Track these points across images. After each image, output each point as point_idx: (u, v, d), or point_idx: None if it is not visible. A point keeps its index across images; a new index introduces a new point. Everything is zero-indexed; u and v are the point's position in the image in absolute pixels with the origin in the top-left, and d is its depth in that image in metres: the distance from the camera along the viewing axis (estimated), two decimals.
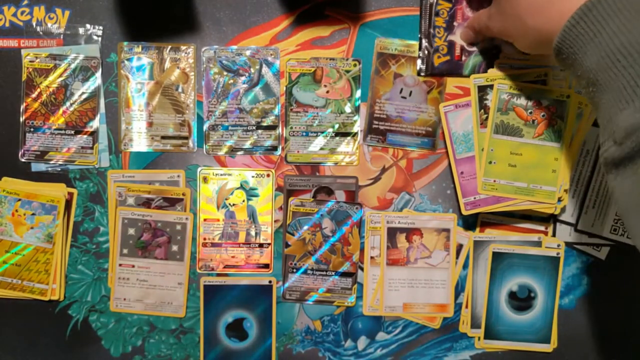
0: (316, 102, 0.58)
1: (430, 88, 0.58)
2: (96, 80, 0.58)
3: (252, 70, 0.58)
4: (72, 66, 0.58)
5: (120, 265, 0.59)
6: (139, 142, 0.58)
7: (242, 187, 0.59)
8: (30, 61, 0.57)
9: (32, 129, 0.58)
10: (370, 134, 0.58)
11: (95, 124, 0.58)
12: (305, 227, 0.59)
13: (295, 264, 0.59)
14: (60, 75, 0.58)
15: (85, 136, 0.58)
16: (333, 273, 0.59)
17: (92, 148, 0.58)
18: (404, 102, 0.58)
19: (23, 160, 0.58)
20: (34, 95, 0.58)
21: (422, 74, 0.57)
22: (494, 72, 0.56)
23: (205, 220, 0.59)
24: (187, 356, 0.60)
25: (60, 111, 0.58)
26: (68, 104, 0.58)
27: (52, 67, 0.58)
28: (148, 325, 0.59)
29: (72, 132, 0.58)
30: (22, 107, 0.58)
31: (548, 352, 0.59)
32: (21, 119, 0.58)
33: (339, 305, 0.59)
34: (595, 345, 0.60)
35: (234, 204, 0.59)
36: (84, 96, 0.58)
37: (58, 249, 0.58)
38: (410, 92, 0.58)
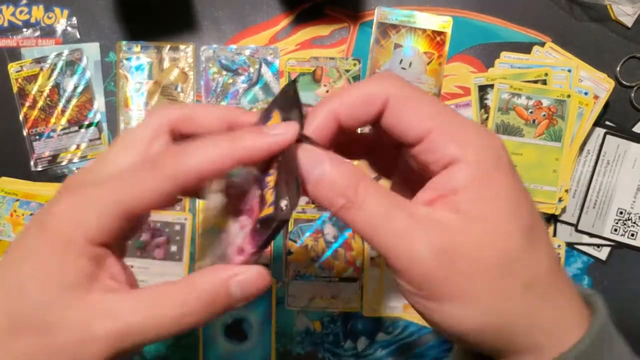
0: (316, 102, 0.58)
1: (430, 59, 0.58)
2: (82, 69, 0.58)
3: (252, 70, 0.58)
4: (59, 64, 0.57)
5: None
6: None
7: None
8: (17, 71, 0.57)
9: (37, 137, 0.58)
10: None
11: (96, 113, 0.58)
12: (307, 234, 0.58)
13: (298, 272, 0.59)
14: (49, 77, 0.58)
15: (91, 128, 0.58)
16: (337, 279, 0.59)
17: (99, 138, 0.58)
18: (404, 73, 0.58)
19: (39, 169, 0.58)
20: (29, 104, 0.58)
21: None
22: (494, 72, 0.56)
23: None
24: (187, 357, 0.59)
25: (59, 110, 0.58)
26: (64, 101, 0.58)
27: (39, 71, 0.58)
28: None
29: (77, 127, 0.58)
30: (21, 117, 0.58)
31: None
32: (24, 131, 0.58)
33: (344, 310, 0.59)
34: None
35: None
36: (79, 89, 0.58)
37: None
38: (410, 63, 0.57)
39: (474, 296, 0.25)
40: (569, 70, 0.56)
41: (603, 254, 0.59)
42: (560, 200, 0.56)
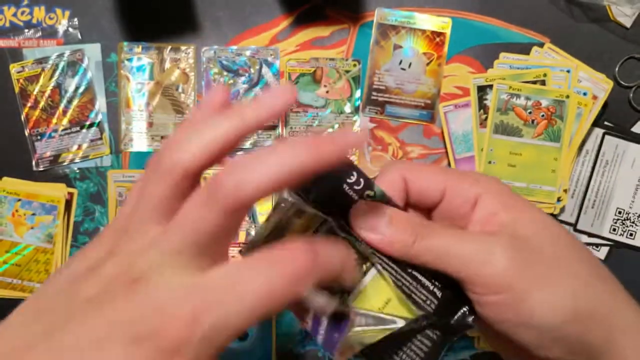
0: (316, 102, 0.58)
1: (429, 60, 0.58)
2: (84, 69, 0.58)
3: (252, 71, 0.58)
4: (60, 65, 0.58)
5: None
6: (140, 142, 0.59)
7: None
8: (19, 72, 0.58)
9: (39, 137, 0.58)
10: (368, 105, 0.58)
11: (98, 114, 0.58)
12: None
13: None
14: (50, 77, 0.58)
15: (92, 129, 0.58)
16: None
17: (101, 139, 0.58)
18: (403, 74, 0.58)
19: (40, 169, 0.58)
20: (30, 104, 0.58)
21: None
22: (493, 73, 0.56)
23: None
24: None
25: (61, 111, 0.58)
26: (65, 102, 0.58)
27: (40, 72, 0.58)
28: None
29: (78, 128, 0.58)
30: (23, 118, 0.58)
31: None
32: (26, 131, 0.58)
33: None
34: None
35: None
36: (80, 90, 0.58)
37: (58, 249, 0.58)
38: (410, 63, 0.58)
39: (559, 280, 0.27)
40: (568, 71, 0.56)
41: (602, 253, 0.59)
42: (559, 200, 0.56)
